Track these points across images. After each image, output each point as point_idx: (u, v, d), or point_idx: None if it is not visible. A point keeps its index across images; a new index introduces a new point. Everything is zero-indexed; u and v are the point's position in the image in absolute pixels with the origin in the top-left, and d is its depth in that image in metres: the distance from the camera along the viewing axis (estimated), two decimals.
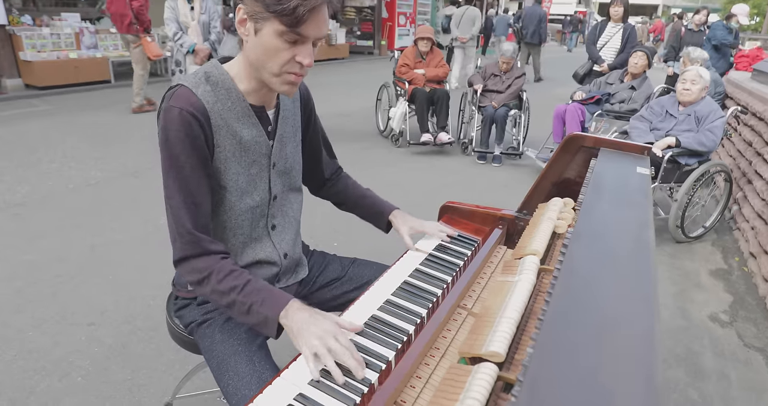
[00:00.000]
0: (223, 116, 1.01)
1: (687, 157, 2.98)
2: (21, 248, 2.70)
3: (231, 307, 0.97)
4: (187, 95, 0.97)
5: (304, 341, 0.87)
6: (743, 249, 3.10)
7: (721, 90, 4.33)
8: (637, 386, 0.48)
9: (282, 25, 0.90)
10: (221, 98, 1.01)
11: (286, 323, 0.92)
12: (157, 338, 2.00)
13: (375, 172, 4.21)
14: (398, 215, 1.35)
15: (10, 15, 6.69)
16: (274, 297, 0.95)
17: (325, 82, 8.82)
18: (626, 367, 0.50)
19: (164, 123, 0.96)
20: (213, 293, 0.98)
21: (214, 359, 1.07)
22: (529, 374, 0.47)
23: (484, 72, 4.88)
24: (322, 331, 0.87)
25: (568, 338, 0.54)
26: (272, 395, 0.81)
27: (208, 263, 0.99)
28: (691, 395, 1.90)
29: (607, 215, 0.88)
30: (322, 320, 0.91)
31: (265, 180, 1.13)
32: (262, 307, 0.94)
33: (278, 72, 0.96)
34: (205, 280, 0.98)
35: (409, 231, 1.31)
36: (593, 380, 0.48)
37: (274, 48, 0.93)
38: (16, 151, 4.36)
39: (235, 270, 0.99)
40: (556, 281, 0.65)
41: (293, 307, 0.93)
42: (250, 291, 0.96)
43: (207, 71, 1.02)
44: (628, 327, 0.56)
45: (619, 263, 0.71)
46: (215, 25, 4.41)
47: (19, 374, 1.79)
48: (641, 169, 1.17)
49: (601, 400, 0.46)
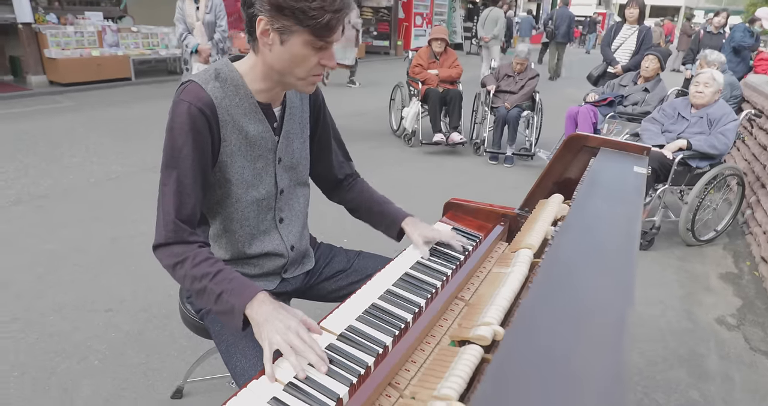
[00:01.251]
0: (231, 112, 1.07)
1: (698, 160, 2.98)
2: (43, 237, 2.81)
3: (201, 293, 0.99)
4: (197, 91, 1.03)
5: (265, 335, 0.88)
6: (755, 253, 3.08)
7: (737, 93, 4.28)
8: (604, 369, 0.51)
9: (312, 36, 0.96)
10: (229, 94, 1.07)
11: (250, 315, 0.93)
12: (171, 326, 2.08)
13: (387, 170, 4.26)
14: (410, 222, 1.33)
15: (36, 13, 6.89)
16: (244, 287, 0.96)
17: (340, 82, 8.90)
18: (595, 351, 0.54)
19: (172, 115, 1.03)
20: (186, 277, 1.01)
21: (224, 342, 1.12)
22: (500, 353, 0.52)
23: (498, 73, 4.89)
24: (284, 326, 0.89)
25: (544, 321, 0.59)
26: (277, 373, 0.86)
27: (185, 249, 1.02)
28: (693, 396, 1.91)
29: (598, 209, 0.92)
30: (286, 315, 0.92)
31: (271, 174, 1.18)
32: (231, 296, 0.95)
33: (305, 76, 1.03)
34: (179, 264, 1.01)
35: (422, 239, 1.28)
36: (562, 361, 0.51)
37: (302, 56, 0.99)
38: (40, 145, 4.51)
39: (211, 258, 1.02)
40: (539, 269, 0.69)
41: (259, 299, 0.94)
42: (221, 279, 0.98)
43: (217, 68, 1.08)
44: (602, 315, 0.60)
45: (602, 255, 0.75)
46: (221, 24, 4.46)
47: (41, 355, 1.89)
48: (638, 168, 1.20)
49: (566, 380, 0.49)
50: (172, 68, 8.83)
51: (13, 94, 6.57)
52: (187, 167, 1.03)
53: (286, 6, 0.93)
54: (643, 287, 2.67)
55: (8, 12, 6.76)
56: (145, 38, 8.06)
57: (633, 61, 4.81)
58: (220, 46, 4.53)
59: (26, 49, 6.86)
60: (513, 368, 0.50)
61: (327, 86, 6.99)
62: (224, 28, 4.50)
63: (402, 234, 1.35)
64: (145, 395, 1.72)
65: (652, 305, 2.49)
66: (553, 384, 0.48)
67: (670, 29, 16.44)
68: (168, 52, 8.25)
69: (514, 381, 0.48)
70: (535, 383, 0.48)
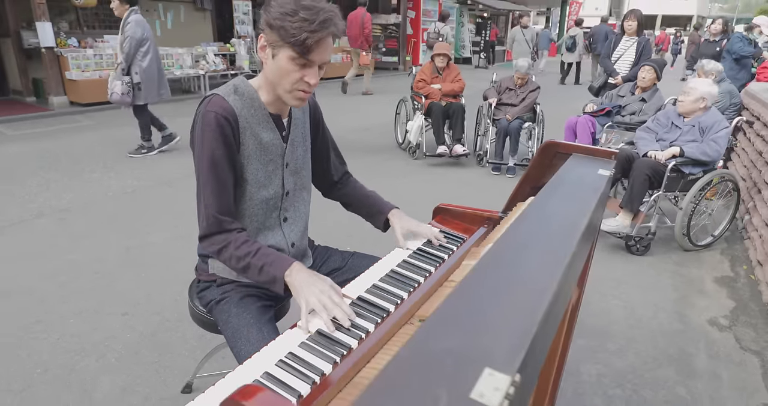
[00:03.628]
0: (248, 121, 1.23)
1: (691, 167, 3.06)
2: (65, 248, 2.99)
3: (246, 269, 1.17)
4: (221, 102, 1.20)
5: (303, 296, 1.05)
6: (752, 257, 3.13)
7: (737, 101, 4.35)
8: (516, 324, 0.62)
9: (294, 53, 1.12)
10: (246, 106, 1.23)
11: (290, 281, 1.11)
12: (182, 327, 2.21)
13: (392, 182, 4.39)
14: (396, 214, 1.49)
15: (58, 38, 7.24)
16: (281, 259, 1.15)
17: (348, 98, 9.12)
18: (512, 310, 0.65)
19: (202, 124, 1.19)
20: (231, 258, 1.18)
21: (230, 329, 1.25)
22: (435, 313, 0.63)
23: (499, 86, 5.03)
24: (318, 290, 1.05)
25: (478, 288, 0.70)
26: (269, 351, 0.99)
27: (226, 237, 1.20)
28: (680, 392, 1.98)
29: (554, 204, 1.03)
30: (319, 280, 1.09)
31: (279, 177, 1.33)
32: (272, 267, 1.13)
33: (290, 89, 1.18)
34: (224, 248, 1.19)
35: (402, 231, 1.44)
36: (479, 315, 0.63)
37: (286, 70, 1.15)
38: (61, 162, 4.74)
39: (249, 240, 1.20)
40: (488, 251, 0.81)
41: (296, 268, 1.12)
42: (262, 254, 1.16)
43: (235, 84, 1.25)
44: (529, 285, 0.72)
45: (545, 240, 0.86)
46: (124, 46, 4.51)
47: (62, 354, 2.03)
48: (603, 171, 1.31)
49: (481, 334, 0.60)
50: (187, 87, 9.14)
51: (36, 114, 6.88)
52: (222, 167, 1.20)
53: (274, 24, 1.10)
54: (637, 290, 2.74)
55: (33, 37, 7.12)
56: (160, 59, 8.37)
57: (632, 72, 4.91)
58: (121, 67, 4.61)
59: (48, 72, 7.19)
60: (441, 321, 0.62)
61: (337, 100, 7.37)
62: (123, 50, 4.55)
63: (388, 225, 1.49)
64: (158, 390, 1.85)
65: (645, 308, 2.56)
66: (468, 331, 0.59)
67: (662, 39, 16.55)
68: (182, 72, 8.55)
69: (443, 328, 0.60)
70: (454, 331, 0.60)
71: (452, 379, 0.51)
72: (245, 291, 1.34)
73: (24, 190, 3.97)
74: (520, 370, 0.54)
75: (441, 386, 0.50)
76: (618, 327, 2.39)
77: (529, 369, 0.61)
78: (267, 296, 1.37)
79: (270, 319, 1.28)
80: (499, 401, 0.48)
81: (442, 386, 0.50)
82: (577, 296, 1.57)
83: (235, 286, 1.35)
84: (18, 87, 7.94)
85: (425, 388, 0.50)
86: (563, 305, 0.93)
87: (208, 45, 9.26)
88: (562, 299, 0.83)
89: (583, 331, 2.33)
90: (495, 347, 0.57)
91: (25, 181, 4.17)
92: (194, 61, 8.76)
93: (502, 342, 0.57)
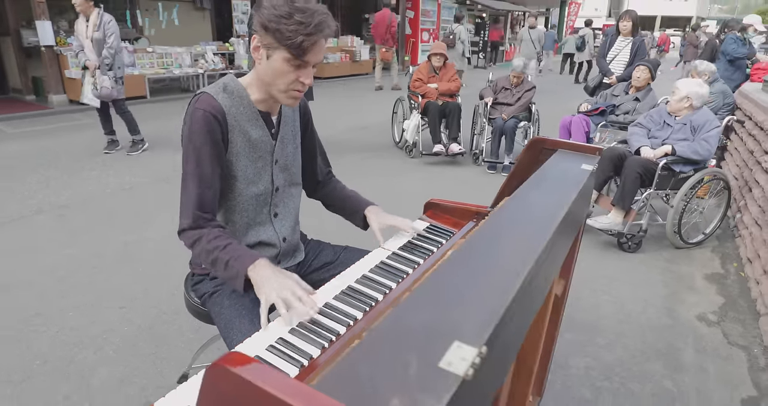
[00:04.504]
0: (237, 118, 1.26)
1: (681, 165, 3.10)
2: (64, 243, 3.03)
3: (214, 264, 1.17)
4: (209, 100, 1.23)
5: (263, 291, 1.06)
6: (742, 255, 3.17)
7: (730, 101, 4.39)
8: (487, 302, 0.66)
9: (289, 54, 1.15)
10: (235, 104, 1.26)
11: (252, 276, 1.10)
12: (179, 320, 2.25)
13: (389, 181, 4.43)
14: (372, 210, 1.50)
15: (58, 37, 7.27)
16: (247, 255, 1.14)
17: (347, 98, 9.16)
18: (486, 291, 0.69)
19: (191, 122, 1.22)
20: (202, 252, 1.19)
21: (223, 321, 1.29)
22: (412, 293, 0.67)
23: (495, 86, 5.07)
24: (279, 285, 1.06)
25: (456, 271, 0.74)
26: (260, 337, 1.03)
27: (202, 231, 1.21)
28: (666, 385, 2.02)
29: (534, 196, 1.08)
30: (282, 276, 1.09)
31: (268, 173, 1.36)
32: (236, 262, 1.13)
33: (285, 89, 1.22)
34: (197, 242, 1.20)
35: (379, 226, 1.46)
36: (455, 297, 0.67)
37: (282, 71, 1.18)
38: (60, 160, 4.78)
39: (222, 235, 1.20)
40: (467, 239, 0.85)
41: (260, 264, 1.12)
42: (230, 250, 1.16)
43: (225, 83, 1.28)
44: (501, 268, 0.76)
45: (521, 229, 0.90)
46: (108, 41, 4.47)
47: (61, 346, 2.07)
48: (586, 165, 1.35)
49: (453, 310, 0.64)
50: (186, 87, 9.18)
51: (35, 112, 6.91)
52: (206, 163, 1.22)
53: (269, 27, 1.13)
54: (628, 286, 2.78)
55: (32, 36, 7.16)
56: (159, 58, 8.42)
57: (627, 72, 4.95)
58: (106, 62, 4.55)
59: (48, 70, 7.22)
60: (417, 299, 0.66)
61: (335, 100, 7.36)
62: (110, 45, 4.51)
63: (367, 223, 1.51)
64: (154, 381, 1.89)
65: (635, 303, 2.60)
66: (441, 308, 0.64)
67: (664, 40, 16.69)
68: (182, 71, 8.59)
69: (418, 306, 0.64)
70: (428, 308, 0.64)
71: (423, 350, 0.55)
72: None
73: (24, 187, 4.01)
74: (488, 343, 0.58)
75: (412, 355, 0.54)
76: (608, 322, 2.43)
77: (499, 344, 0.66)
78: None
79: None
80: (465, 369, 0.52)
81: (413, 355, 0.54)
82: (563, 288, 1.61)
83: None
84: (18, 85, 7.98)
85: (397, 357, 0.54)
86: (541, 291, 0.97)
87: (207, 44, 9.30)
88: (538, 284, 0.87)
89: (573, 325, 2.37)
90: (465, 322, 0.61)
91: (24, 179, 4.21)
92: (193, 60, 8.80)
93: (473, 318, 0.61)
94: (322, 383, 0.50)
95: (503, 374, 0.74)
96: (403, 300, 0.65)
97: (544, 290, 1.02)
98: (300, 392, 0.48)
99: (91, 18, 4.48)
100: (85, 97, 4.72)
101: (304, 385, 0.48)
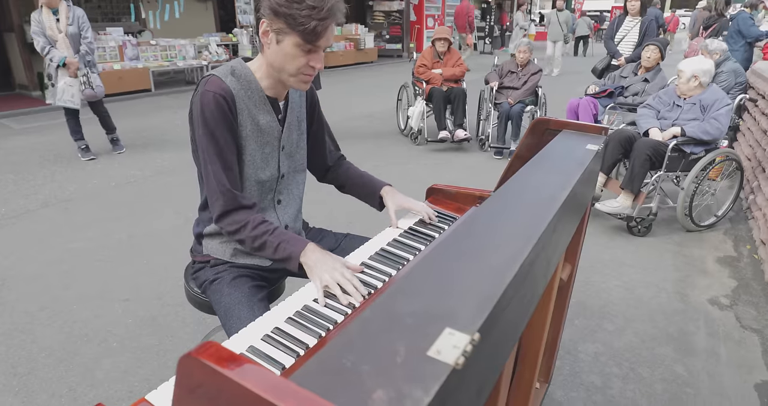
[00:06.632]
0: (245, 102, 1.24)
1: (692, 146, 3.02)
2: (68, 236, 3.03)
3: (263, 247, 1.20)
4: (218, 82, 1.20)
5: (316, 274, 1.10)
6: (756, 237, 3.10)
7: (742, 80, 4.27)
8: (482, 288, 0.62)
9: (301, 39, 1.13)
10: (243, 88, 1.24)
11: (304, 260, 1.15)
12: (182, 312, 2.24)
13: (395, 168, 4.39)
14: (389, 191, 1.49)
15: None
16: (297, 239, 1.20)
17: (352, 86, 9.08)
18: (482, 275, 0.65)
19: (201, 105, 1.19)
20: (248, 238, 1.21)
21: (222, 308, 1.27)
22: (403, 278, 0.64)
23: (501, 70, 4.98)
24: (330, 267, 1.10)
25: (450, 255, 0.71)
26: (256, 327, 1.00)
27: (245, 216, 1.22)
28: (677, 370, 1.98)
29: (536, 177, 1.03)
30: (331, 259, 1.14)
31: (275, 159, 1.34)
32: (288, 245, 1.18)
33: (295, 73, 1.20)
34: (242, 228, 1.21)
35: (395, 208, 1.45)
36: (449, 282, 0.64)
37: (292, 56, 1.16)
38: (66, 154, 4.79)
39: (266, 221, 1.23)
40: (463, 219, 0.81)
41: (310, 248, 1.17)
42: (279, 233, 1.20)
43: (233, 66, 1.25)
44: (497, 250, 0.72)
45: (521, 210, 0.86)
46: (86, 36, 4.18)
47: (65, 338, 2.07)
48: (591, 145, 1.30)
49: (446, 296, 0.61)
50: (190, 79, 9.15)
51: (41, 108, 6.92)
52: (224, 144, 1.21)
53: (281, 11, 1.10)
54: (638, 271, 2.73)
55: None
56: (163, 50, 8.39)
57: (636, 53, 4.84)
58: (87, 58, 4.26)
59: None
60: (409, 284, 0.63)
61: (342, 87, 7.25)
62: (90, 40, 4.22)
63: (383, 204, 1.50)
64: (158, 372, 1.89)
65: (645, 288, 2.56)
66: (434, 294, 0.61)
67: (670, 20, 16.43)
68: (185, 63, 8.55)
69: (409, 291, 0.61)
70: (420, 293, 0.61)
71: (411, 337, 0.52)
72: (238, 271, 1.35)
73: (30, 181, 4.02)
74: (482, 330, 0.54)
75: (399, 343, 0.51)
76: (617, 307, 2.39)
77: (495, 331, 0.62)
78: (260, 276, 1.39)
79: (262, 298, 1.30)
80: (455, 358, 0.49)
81: (401, 343, 0.51)
82: (570, 272, 1.57)
83: (228, 266, 1.36)
84: (23, 81, 7.99)
85: (383, 345, 0.51)
86: (543, 275, 0.93)
87: (210, 36, 9.25)
88: (539, 267, 0.83)
89: (582, 311, 2.33)
90: (458, 308, 0.57)
91: (31, 173, 4.22)
92: (197, 52, 8.76)
93: (466, 304, 0.58)
94: (302, 374, 0.47)
95: (500, 362, 0.71)
96: (393, 285, 0.62)
97: (547, 275, 0.98)
98: (275, 386, 0.45)
99: (62, 11, 4.06)
100: (61, 99, 4.24)
101: (278, 376, 0.45)
